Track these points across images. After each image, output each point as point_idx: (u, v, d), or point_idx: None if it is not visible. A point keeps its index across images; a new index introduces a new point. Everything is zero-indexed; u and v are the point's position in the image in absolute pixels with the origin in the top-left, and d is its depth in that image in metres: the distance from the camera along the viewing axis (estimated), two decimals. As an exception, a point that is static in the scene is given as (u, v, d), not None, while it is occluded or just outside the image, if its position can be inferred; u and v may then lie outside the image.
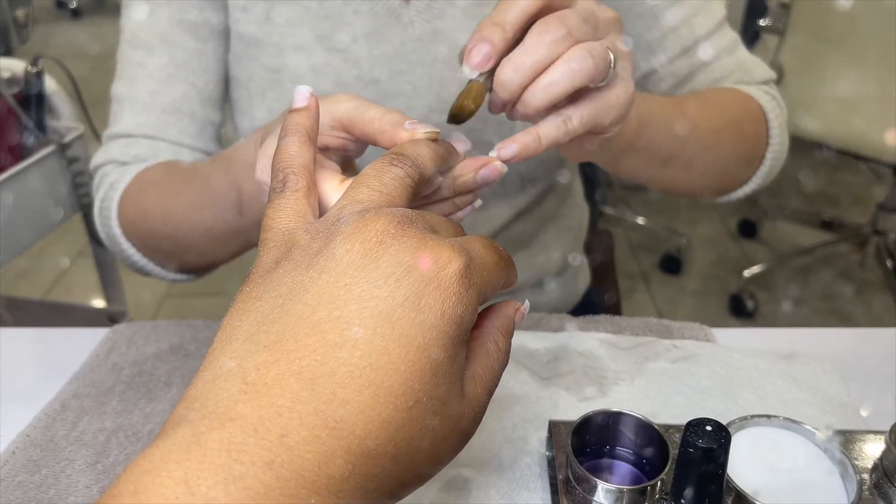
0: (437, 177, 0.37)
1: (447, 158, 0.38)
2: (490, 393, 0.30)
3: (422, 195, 0.38)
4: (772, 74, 0.70)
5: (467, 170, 0.40)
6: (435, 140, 0.38)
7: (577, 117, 0.40)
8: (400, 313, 0.26)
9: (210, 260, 0.64)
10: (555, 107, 0.40)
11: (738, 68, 0.68)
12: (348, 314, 0.26)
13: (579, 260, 0.86)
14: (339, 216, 0.30)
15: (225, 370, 0.25)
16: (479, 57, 0.38)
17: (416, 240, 0.28)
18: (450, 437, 0.28)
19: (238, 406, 0.24)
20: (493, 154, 0.40)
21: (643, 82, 0.70)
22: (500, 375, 0.31)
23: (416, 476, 0.27)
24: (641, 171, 0.59)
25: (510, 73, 0.38)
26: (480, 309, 0.33)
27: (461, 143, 0.40)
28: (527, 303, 0.35)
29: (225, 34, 0.68)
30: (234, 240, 0.59)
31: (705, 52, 0.67)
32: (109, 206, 0.65)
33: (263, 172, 0.40)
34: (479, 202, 0.42)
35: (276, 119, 0.46)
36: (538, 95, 0.38)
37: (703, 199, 0.71)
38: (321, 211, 0.34)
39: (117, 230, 0.65)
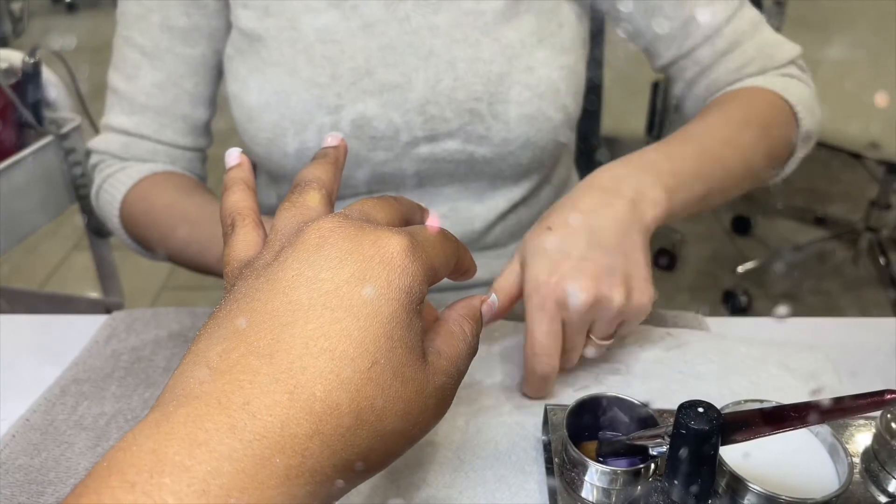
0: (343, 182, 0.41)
1: (336, 159, 0.40)
2: (457, 368, 0.33)
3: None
4: (796, 51, 0.69)
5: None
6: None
7: None
8: (346, 289, 0.28)
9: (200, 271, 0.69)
10: None
11: (760, 55, 0.68)
12: (298, 297, 0.28)
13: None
14: (281, 234, 0.33)
15: (191, 363, 0.28)
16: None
17: (353, 229, 0.30)
18: (416, 402, 0.29)
19: (203, 386, 0.26)
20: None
21: (668, 70, 0.71)
22: (468, 357, 0.34)
23: (387, 440, 0.29)
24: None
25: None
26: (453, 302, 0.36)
27: (332, 138, 0.41)
28: (493, 296, 0.38)
29: (215, 36, 0.70)
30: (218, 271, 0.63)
31: (733, 30, 0.67)
32: (111, 202, 0.71)
33: None
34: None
35: None
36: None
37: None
38: None
39: (117, 222, 0.72)
